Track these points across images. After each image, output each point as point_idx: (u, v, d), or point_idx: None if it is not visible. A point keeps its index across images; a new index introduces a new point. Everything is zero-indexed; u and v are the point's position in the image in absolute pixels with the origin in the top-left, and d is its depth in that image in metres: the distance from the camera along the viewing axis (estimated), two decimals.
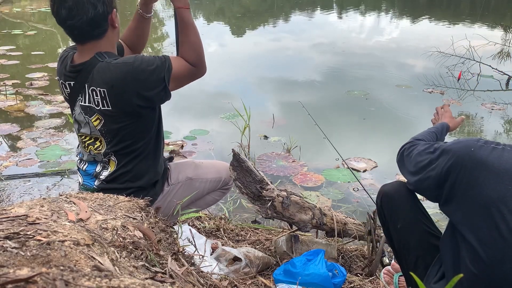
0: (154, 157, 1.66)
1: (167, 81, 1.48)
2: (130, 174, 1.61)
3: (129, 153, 1.59)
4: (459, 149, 1.17)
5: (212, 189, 1.90)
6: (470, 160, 1.13)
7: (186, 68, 1.53)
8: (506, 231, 1.05)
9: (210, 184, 1.88)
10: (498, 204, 1.06)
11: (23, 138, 3.73)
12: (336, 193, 2.96)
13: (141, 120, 1.56)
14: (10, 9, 11.99)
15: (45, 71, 5.86)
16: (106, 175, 1.62)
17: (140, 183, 1.63)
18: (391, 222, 1.40)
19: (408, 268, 1.38)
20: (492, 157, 1.10)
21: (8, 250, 0.73)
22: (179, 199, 1.73)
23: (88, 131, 1.59)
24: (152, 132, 1.62)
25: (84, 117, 1.56)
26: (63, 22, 1.44)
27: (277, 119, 4.21)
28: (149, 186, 1.66)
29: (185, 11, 1.55)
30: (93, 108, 1.52)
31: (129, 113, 1.51)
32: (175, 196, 1.74)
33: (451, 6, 14.69)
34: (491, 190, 1.08)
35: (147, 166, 1.63)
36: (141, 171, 1.63)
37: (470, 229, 1.12)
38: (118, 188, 1.58)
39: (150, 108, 1.56)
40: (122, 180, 1.61)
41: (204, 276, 1.39)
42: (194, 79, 1.59)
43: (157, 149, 1.67)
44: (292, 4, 14.27)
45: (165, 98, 1.54)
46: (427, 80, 5.47)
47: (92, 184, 1.65)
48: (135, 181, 1.62)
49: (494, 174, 1.08)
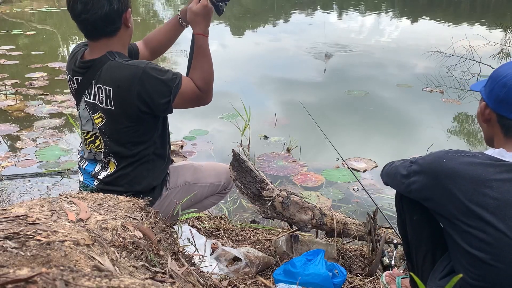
0: (155, 163, 1.65)
1: (173, 96, 1.48)
2: (129, 178, 1.61)
3: (128, 157, 1.59)
4: (431, 162, 1.19)
5: (211, 193, 1.89)
6: (443, 171, 1.15)
7: (193, 91, 1.54)
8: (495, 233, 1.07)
9: (209, 189, 1.87)
10: (478, 209, 1.08)
11: (23, 138, 3.73)
12: (336, 193, 2.96)
13: (142, 125, 1.56)
14: (10, 9, 11.99)
15: (45, 71, 5.86)
16: (104, 176, 1.62)
17: (138, 188, 1.62)
18: (408, 213, 1.41)
19: (417, 261, 1.39)
20: (464, 165, 1.12)
21: (8, 250, 0.73)
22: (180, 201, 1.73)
23: (90, 128, 1.59)
24: (153, 137, 1.61)
25: (88, 113, 1.57)
26: (77, 16, 1.45)
27: (279, 119, 4.21)
28: (148, 191, 1.65)
29: (203, 38, 1.57)
30: (97, 105, 1.53)
31: (130, 116, 1.51)
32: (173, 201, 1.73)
33: (451, 6, 14.68)
34: (468, 197, 1.10)
35: (146, 171, 1.63)
36: (140, 176, 1.62)
37: (458, 235, 1.14)
38: (116, 191, 1.58)
39: (152, 115, 1.56)
40: (120, 182, 1.61)
41: (204, 276, 1.39)
42: (198, 105, 1.61)
43: (159, 155, 1.66)
44: (292, 4, 14.27)
45: (167, 111, 1.55)
46: (427, 80, 5.47)
47: (91, 184, 1.65)
48: (133, 185, 1.61)
49: (468, 181, 1.10)
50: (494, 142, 1.21)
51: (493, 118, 1.19)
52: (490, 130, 1.23)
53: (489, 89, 1.19)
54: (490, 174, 1.09)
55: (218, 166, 1.95)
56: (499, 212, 1.07)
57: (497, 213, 1.07)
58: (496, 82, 1.16)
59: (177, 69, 6.44)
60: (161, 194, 1.71)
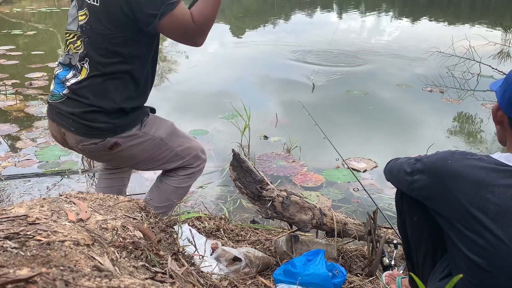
0: (127, 84, 1.62)
1: (163, 12, 1.45)
2: (96, 90, 1.58)
3: (102, 65, 1.56)
4: (435, 162, 1.18)
5: (170, 162, 1.82)
6: (447, 172, 1.14)
7: (187, 20, 1.50)
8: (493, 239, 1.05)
9: (173, 157, 1.81)
10: (478, 214, 1.07)
11: (23, 138, 3.72)
12: (336, 193, 2.96)
13: (122, 33, 1.53)
14: (10, 9, 11.99)
15: (45, 71, 5.86)
16: (73, 83, 1.60)
17: (102, 104, 1.59)
18: (409, 213, 1.40)
19: (417, 261, 1.39)
20: (468, 168, 1.11)
21: (8, 250, 0.73)
22: (142, 153, 1.71)
23: (75, 27, 1.59)
24: (132, 56, 1.58)
25: (76, 10, 1.57)
26: None
27: (280, 119, 4.21)
28: (113, 113, 1.61)
29: None
30: (85, 1, 1.53)
31: (112, 17, 1.49)
32: (138, 148, 1.70)
33: (451, 6, 14.69)
34: (470, 200, 1.08)
35: (115, 88, 1.59)
36: (106, 91, 1.59)
37: (457, 237, 1.13)
38: (81, 102, 1.58)
39: (134, 25, 1.52)
40: (86, 94, 1.59)
41: (204, 276, 1.39)
42: (187, 40, 1.55)
43: (134, 79, 1.63)
44: (292, 4, 14.27)
45: (151, 26, 1.50)
46: (427, 80, 5.47)
47: (60, 92, 1.64)
48: (98, 99, 1.58)
49: (471, 184, 1.09)
50: (507, 144, 1.19)
51: (505, 121, 1.16)
52: (503, 132, 1.20)
53: (503, 91, 1.15)
54: (494, 179, 1.07)
55: (194, 142, 1.91)
56: (499, 218, 1.05)
57: (497, 219, 1.05)
58: (509, 84, 1.12)
59: (177, 69, 6.46)
60: (132, 129, 1.67)
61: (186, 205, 2.71)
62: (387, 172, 1.45)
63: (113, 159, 1.81)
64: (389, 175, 1.44)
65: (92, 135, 1.63)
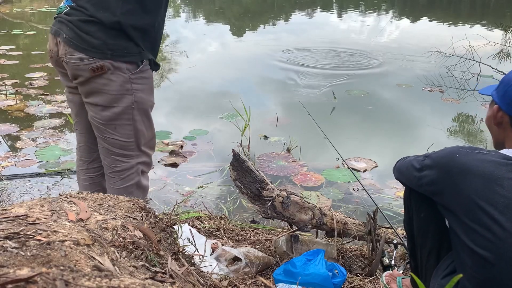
0: (134, 9, 1.60)
1: None
2: (98, 1, 1.58)
3: None
4: (443, 156, 1.22)
5: (118, 134, 1.71)
6: (455, 166, 1.16)
7: None
8: (501, 232, 1.07)
9: (124, 130, 1.71)
10: (486, 206, 1.09)
11: (23, 138, 3.72)
12: (336, 193, 2.96)
13: None
14: (10, 9, 11.99)
15: (45, 71, 5.86)
16: None
17: (101, 16, 1.57)
18: (416, 211, 1.42)
19: (421, 257, 1.40)
20: (477, 162, 1.14)
21: (8, 250, 0.73)
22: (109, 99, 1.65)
23: None
24: None
25: None
26: None
27: (280, 119, 4.21)
28: (110, 30, 1.59)
29: None
30: None
31: None
32: (113, 88, 1.63)
33: (451, 6, 14.69)
34: (478, 193, 1.10)
35: (116, 2, 1.58)
36: (109, 2, 1.58)
37: (464, 232, 1.14)
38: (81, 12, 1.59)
39: None
40: (87, 2, 1.59)
41: (204, 276, 1.39)
42: None
43: (143, 4, 1.61)
44: (292, 4, 14.27)
45: None
46: (427, 80, 5.47)
47: (65, 4, 1.66)
48: (97, 9, 1.58)
49: (480, 177, 1.11)
50: (505, 144, 1.24)
51: (506, 121, 1.23)
52: (501, 133, 1.26)
53: (502, 92, 1.23)
54: (502, 172, 1.10)
55: (153, 141, 1.85)
56: (508, 211, 1.07)
57: (506, 212, 1.07)
58: (509, 85, 1.21)
59: (177, 68, 6.46)
60: (123, 63, 1.62)
61: (186, 205, 2.71)
62: (396, 170, 1.47)
63: (84, 92, 1.70)
64: (398, 173, 1.46)
65: (82, 48, 1.60)
